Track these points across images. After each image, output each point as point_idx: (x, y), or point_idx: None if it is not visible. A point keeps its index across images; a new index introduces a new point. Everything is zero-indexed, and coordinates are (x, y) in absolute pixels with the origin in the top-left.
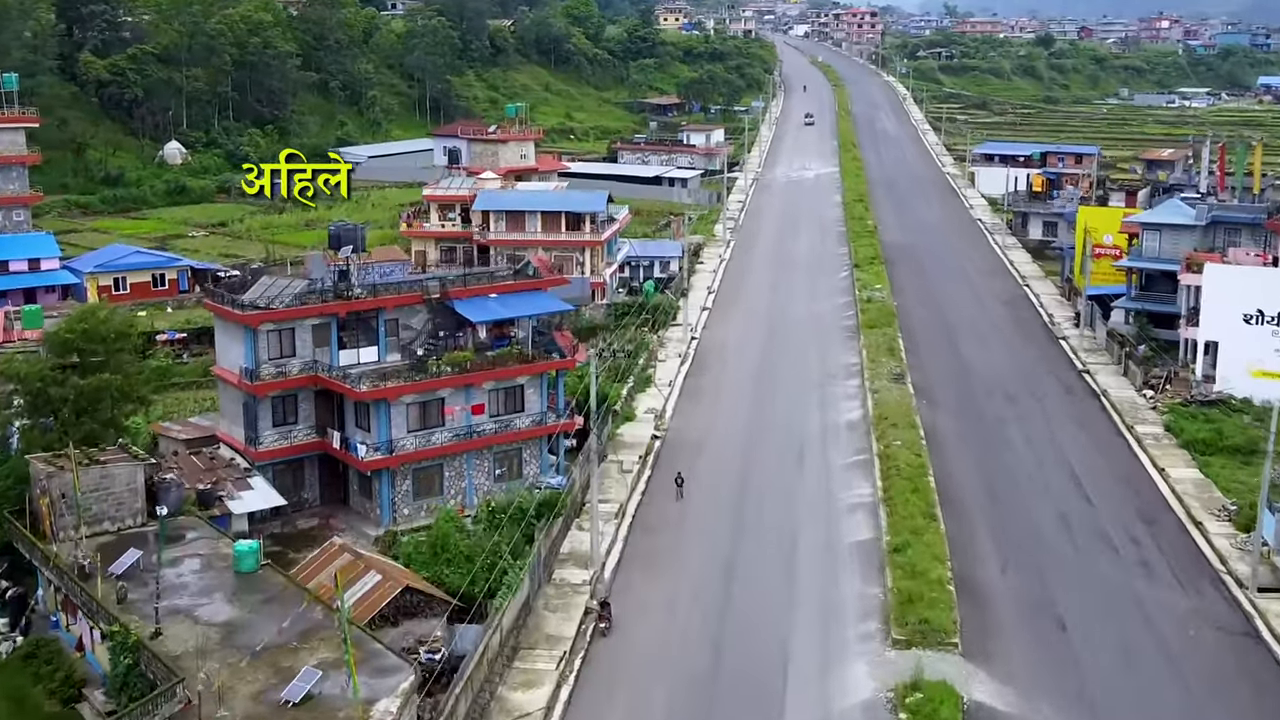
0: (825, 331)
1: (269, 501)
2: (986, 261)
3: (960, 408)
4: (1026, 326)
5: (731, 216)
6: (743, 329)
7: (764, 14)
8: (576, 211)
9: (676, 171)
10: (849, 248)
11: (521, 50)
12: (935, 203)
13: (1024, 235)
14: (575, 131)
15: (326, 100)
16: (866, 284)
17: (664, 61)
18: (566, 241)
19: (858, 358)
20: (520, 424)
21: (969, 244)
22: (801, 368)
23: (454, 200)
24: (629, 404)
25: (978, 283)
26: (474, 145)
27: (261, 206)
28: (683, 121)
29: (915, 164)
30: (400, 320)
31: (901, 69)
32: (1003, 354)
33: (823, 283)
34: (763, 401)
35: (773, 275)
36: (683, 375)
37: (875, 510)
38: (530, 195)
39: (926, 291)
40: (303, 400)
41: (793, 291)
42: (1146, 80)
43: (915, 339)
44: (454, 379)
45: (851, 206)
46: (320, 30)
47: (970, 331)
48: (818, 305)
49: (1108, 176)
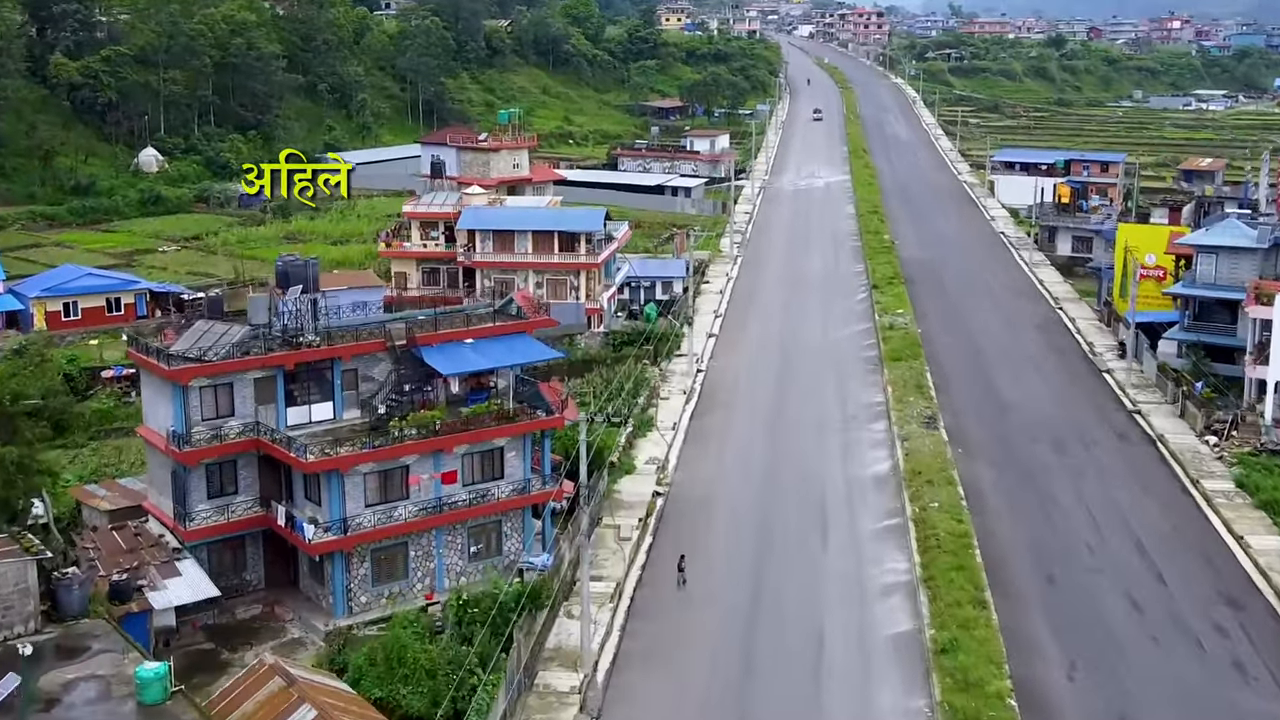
0: (844, 364)
1: (199, 592)
2: (1014, 280)
3: (1001, 457)
4: (1065, 357)
5: (738, 229)
6: (753, 360)
7: (767, 14)
8: (571, 231)
9: (679, 180)
10: (865, 265)
11: (519, 51)
12: (954, 214)
13: (1051, 251)
14: (574, 136)
15: (314, 104)
16: (887, 308)
17: (666, 63)
18: (559, 264)
19: (882, 396)
20: (499, 493)
21: (993, 260)
22: (819, 408)
23: (437, 218)
24: (628, 452)
25: (1007, 305)
26: (463, 154)
27: (240, 218)
28: (686, 126)
29: (930, 171)
30: (360, 371)
31: (910, 70)
32: (1042, 390)
33: (839, 305)
34: (777, 449)
35: (784, 297)
36: (688, 415)
37: (914, 592)
38: (520, 213)
39: (952, 315)
40: (244, 467)
41: (806, 316)
42: (1160, 82)
43: (944, 372)
44: (420, 444)
45: (866, 219)
46: (308, 31)
47: (1004, 363)
48: (834, 332)
49: (1133, 185)
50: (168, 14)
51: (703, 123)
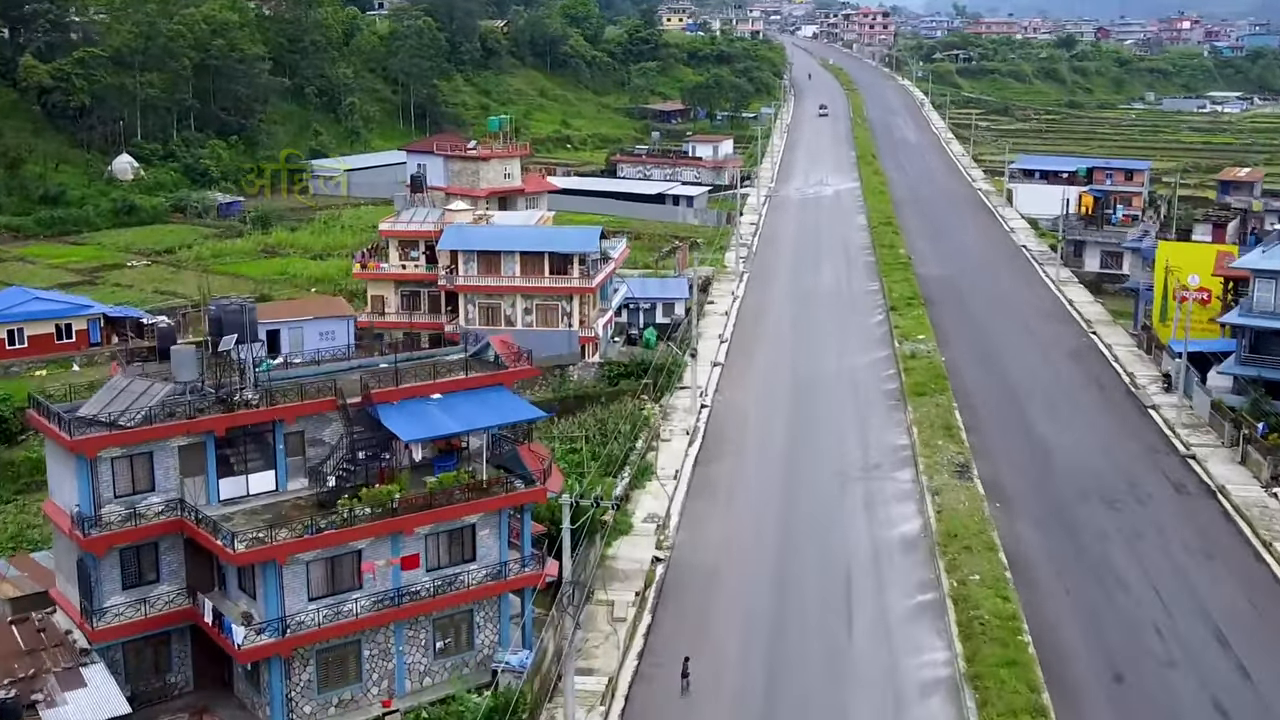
0: (863, 398)
1: (105, 709)
2: (1041, 301)
3: (1045, 515)
4: (1105, 391)
5: (744, 241)
6: (763, 394)
7: (769, 14)
8: (563, 252)
9: (681, 188)
10: (881, 283)
11: (515, 52)
12: (971, 225)
13: (1079, 266)
14: (572, 140)
15: (300, 107)
16: (907, 333)
17: (667, 65)
18: (550, 288)
19: (906, 437)
20: (470, 578)
21: (1017, 277)
22: (838, 452)
23: (417, 236)
24: (624, 506)
25: (1036, 329)
26: (451, 163)
27: (218, 229)
28: (689, 131)
29: (943, 178)
30: (307, 433)
31: (917, 72)
32: (1084, 431)
33: (854, 329)
34: (792, 504)
35: (795, 319)
36: (691, 460)
37: (956, 691)
38: (507, 232)
39: (978, 341)
40: (167, 551)
41: (819, 341)
42: (1172, 84)
43: (975, 410)
44: (374, 526)
45: (878, 231)
46: (294, 31)
47: (1039, 398)
48: (850, 360)
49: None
50: (144, 14)
51: (705, 126)
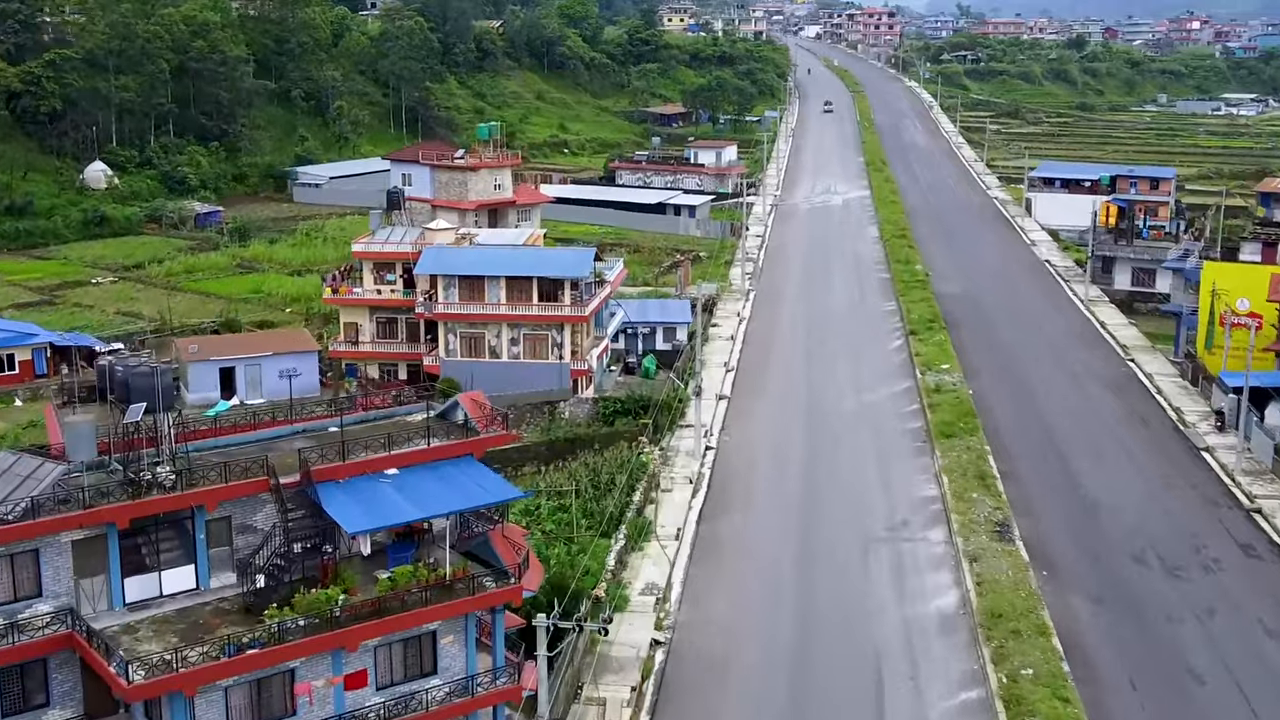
0: (885, 439)
1: None
2: (1070, 323)
3: (1100, 586)
4: (1151, 430)
5: (749, 255)
6: (773, 434)
7: (772, 14)
8: (553, 277)
9: (683, 197)
10: (898, 303)
11: (511, 54)
12: (990, 237)
13: (1108, 284)
14: (570, 145)
15: (286, 111)
16: (929, 362)
17: (668, 66)
18: (539, 317)
19: (936, 487)
20: (430, 697)
21: (1043, 296)
22: (859, 506)
23: (393, 258)
24: (618, 577)
25: (1068, 356)
26: (438, 173)
27: (194, 241)
28: (691, 136)
29: (956, 186)
30: (235, 519)
31: (924, 73)
32: (1133, 479)
33: (871, 357)
34: (810, 572)
35: (806, 345)
36: (695, 515)
37: None
38: (492, 254)
39: (1006, 371)
40: (58, 669)
41: (834, 371)
42: (1185, 85)
43: (1009, 454)
44: (310, 641)
45: (892, 244)
46: (280, 32)
47: (1079, 438)
48: (869, 393)
49: (1181, 202)
50: (119, 14)
51: (707, 130)
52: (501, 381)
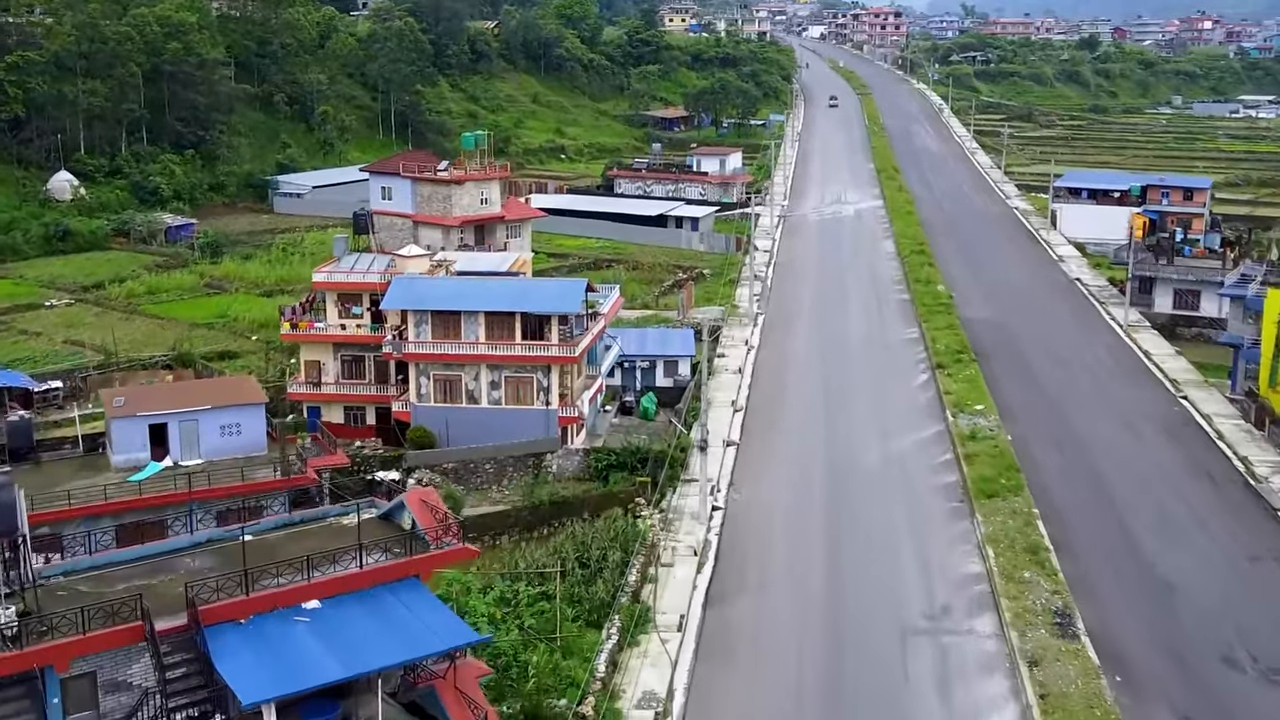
0: (917, 499)
1: None
2: (1111, 352)
3: (1189, 698)
4: (1219, 487)
5: (757, 273)
6: (789, 491)
7: (775, 15)
8: (538, 313)
9: (685, 208)
10: (921, 330)
11: (506, 56)
12: (1014, 253)
13: (1147, 306)
14: (567, 150)
15: (269, 117)
16: (961, 401)
17: (669, 68)
18: (522, 358)
19: (979, 561)
20: None
21: (1078, 322)
22: (893, 585)
23: (359, 289)
24: (609, 685)
25: (1115, 394)
26: (419, 187)
27: (163, 257)
28: (693, 142)
29: (973, 195)
30: (101, 675)
31: (933, 75)
32: (1208, 551)
33: (896, 395)
34: (839, 677)
35: (823, 380)
36: (701, 598)
37: None
38: (469, 286)
39: (1047, 412)
40: None
41: (855, 412)
42: (1199, 87)
43: (1061, 518)
44: None
45: (910, 261)
46: (262, 34)
47: (1139, 498)
48: (896, 440)
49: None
50: (87, 15)
51: (710, 134)
52: (480, 430)
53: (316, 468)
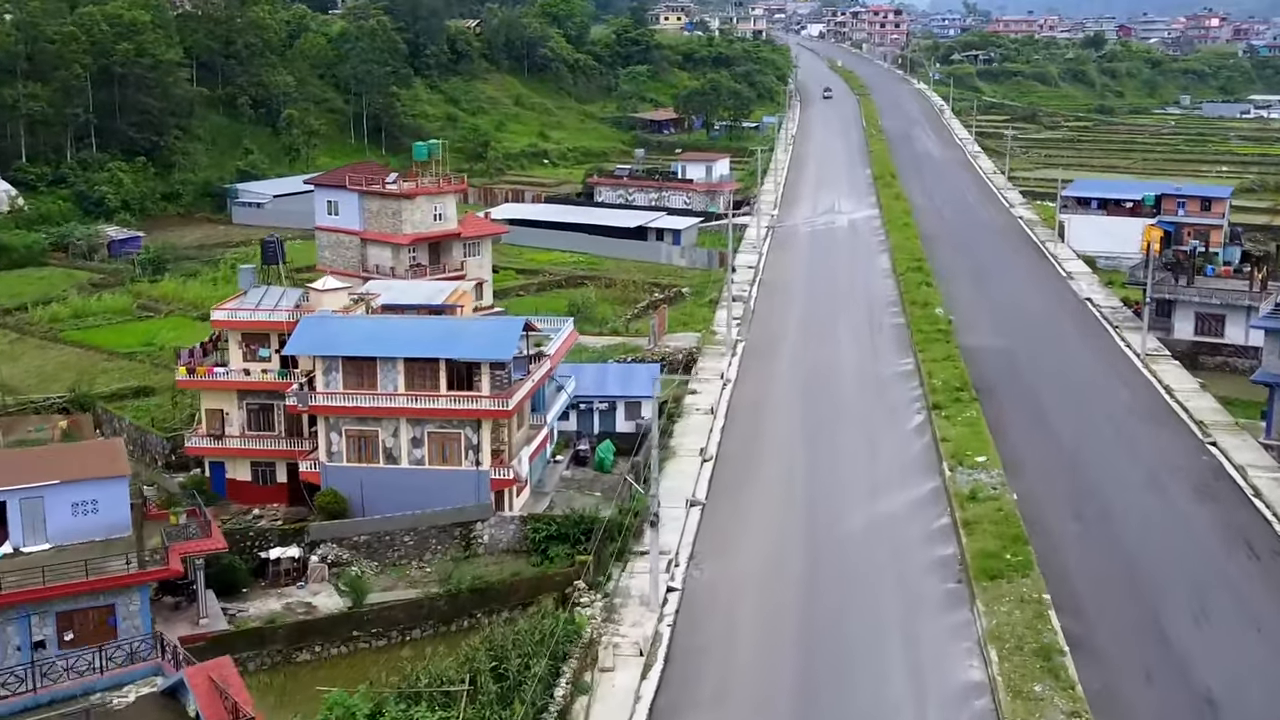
0: (908, 577)
1: None
2: (1129, 388)
3: None
4: (1261, 560)
5: (739, 294)
6: (760, 567)
7: (773, 13)
8: (466, 359)
9: (666, 219)
10: (917, 362)
11: (489, 56)
12: (1019, 269)
13: (1166, 332)
14: (550, 155)
15: (233, 121)
16: (959, 450)
17: (660, 68)
18: (448, 411)
19: (980, 665)
20: None
21: (1090, 350)
22: (878, 700)
23: (265, 328)
24: None
25: (1133, 439)
26: (367, 201)
27: (103, 274)
28: (678, 148)
29: (976, 204)
30: None
31: (934, 74)
32: (1259, 654)
33: (887, 442)
34: None
35: (805, 422)
36: (642, 718)
37: None
38: (388, 328)
39: (1057, 463)
40: None
41: (841, 463)
42: (1208, 86)
43: (1078, 605)
44: None
45: (907, 279)
46: (226, 34)
47: (1170, 577)
48: (885, 499)
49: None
50: (27, 13)
51: (701, 137)
52: (400, 494)
53: (184, 554)
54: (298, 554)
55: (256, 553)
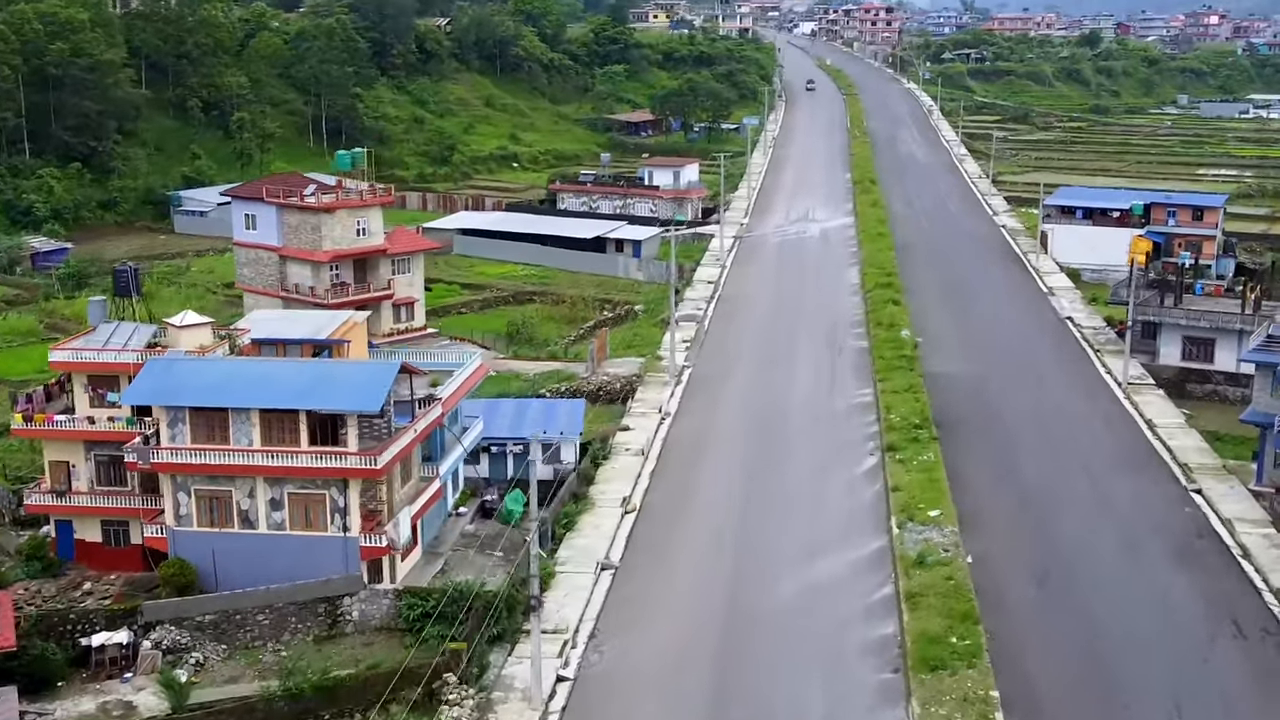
0: (837, 667)
1: None
2: (1108, 423)
3: None
4: (1249, 642)
5: (694, 312)
6: (671, 648)
7: (768, 10)
8: (330, 411)
9: (628, 230)
10: (875, 393)
11: (459, 55)
12: (997, 284)
13: (1151, 357)
14: (520, 158)
15: (184, 124)
16: (911, 504)
17: (638, 68)
18: (309, 470)
19: None
20: None
21: (1068, 378)
22: None
23: (113, 370)
24: None
25: (1109, 488)
26: (286, 214)
27: (20, 291)
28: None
29: (958, 212)
30: None
31: (924, 73)
32: None
33: (833, 490)
34: None
35: (746, 465)
36: None
37: None
38: (244, 372)
39: (1024, 520)
40: None
41: (779, 516)
42: (1207, 85)
43: (1033, 705)
44: None
45: (874, 296)
46: (176, 33)
47: (1148, 670)
48: (824, 561)
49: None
50: None
51: (680, 139)
52: (258, 564)
53: None
54: (126, 639)
55: (78, 639)
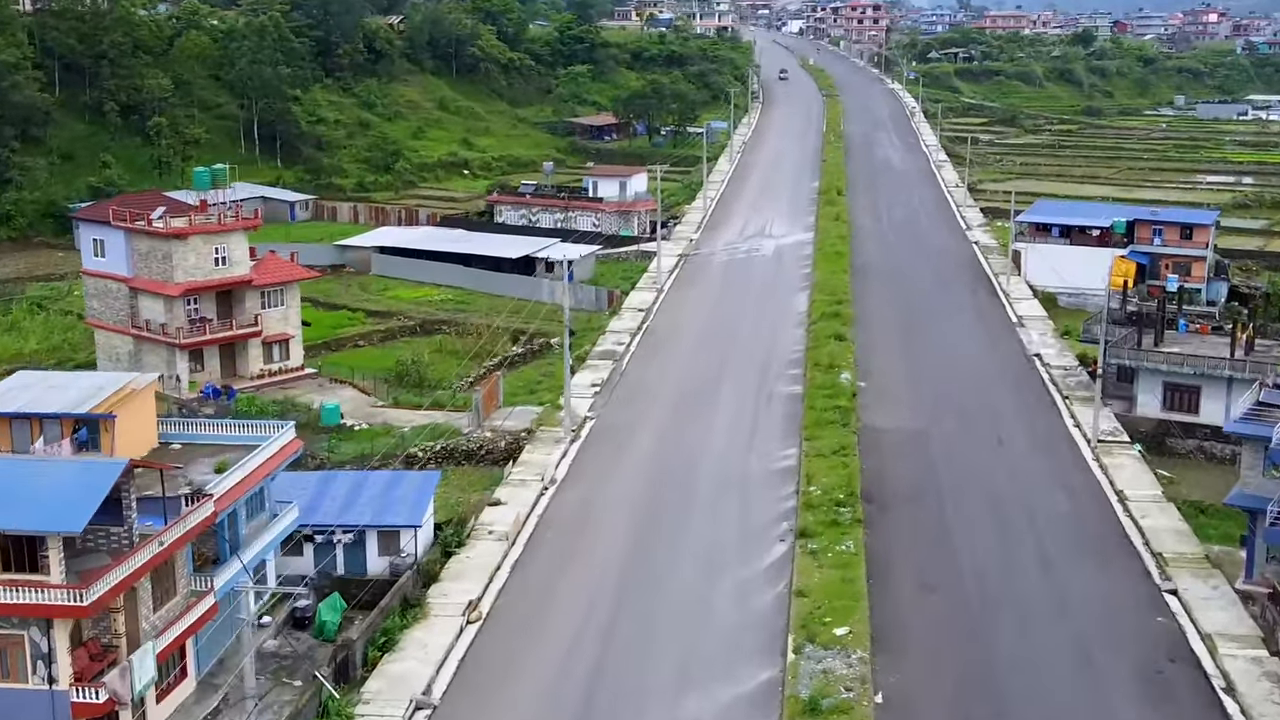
0: None
1: None
2: (1071, 498)
3: None
4: None
5: (614, 348)
6: None
7: (758, 8)
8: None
9: (558, 249)
10: (800, 451)
11: (411, 55)
12: (964, 313)
13: (1128, 407)
14: (471, 165)
15: (101, 129)
16: (817, 617)
17: (605, 68)
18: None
19: None
20: None
21: (1030, 436)
22: None
23: None
24: None
25: (1068, 588)
26: (135, 240)
27: None
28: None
29: (929, 226)
30: None
31: (908, 73)
32: None
33: (725, 597)
34: None
35: (629, 553)
36: None
37: None
38: None
39: (957, 633)
40: None
41: (652, 633)
42: (1204, 85)
43: None
44: None
45: (818, 329)
46: (92, 32)
47: None
48: (692, 705)
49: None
50: None
51: (644, 144)
52: None
53: None
54: None
55: None
